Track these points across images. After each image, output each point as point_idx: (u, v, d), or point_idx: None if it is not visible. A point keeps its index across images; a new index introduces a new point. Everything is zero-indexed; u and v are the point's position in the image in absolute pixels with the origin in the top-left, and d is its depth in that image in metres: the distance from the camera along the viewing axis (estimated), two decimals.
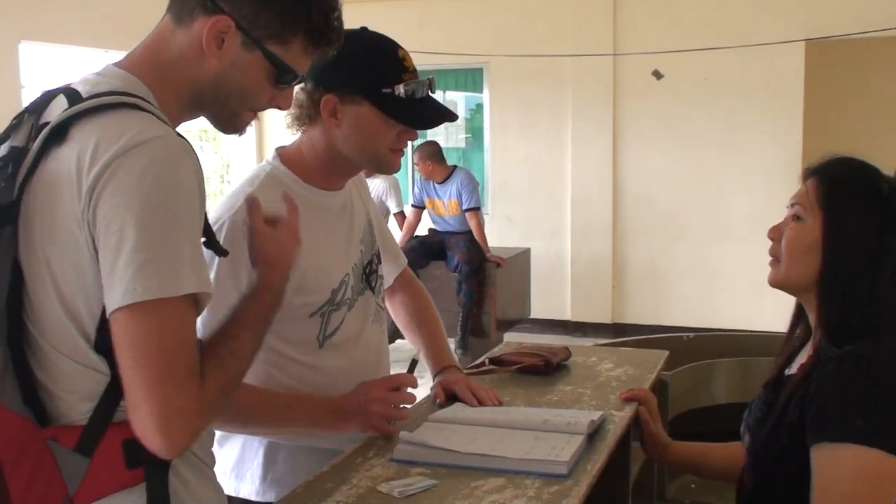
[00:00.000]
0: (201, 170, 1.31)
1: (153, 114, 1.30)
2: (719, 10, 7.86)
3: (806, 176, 1.69)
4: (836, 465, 1.48)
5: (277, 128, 9.12)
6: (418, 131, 1.94)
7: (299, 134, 1.94)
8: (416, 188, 7.49)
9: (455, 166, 7.27)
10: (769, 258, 1.71)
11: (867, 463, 1.46)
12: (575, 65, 8.22)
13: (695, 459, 2.07)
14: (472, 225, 7.04)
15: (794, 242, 1.66)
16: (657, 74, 8.07)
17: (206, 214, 1.36)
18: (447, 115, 1.93)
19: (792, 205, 1.69)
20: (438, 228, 7.27)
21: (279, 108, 1.50)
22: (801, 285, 1.67)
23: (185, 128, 1.46)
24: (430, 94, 1.90)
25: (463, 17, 8.65)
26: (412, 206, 7.43)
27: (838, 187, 1.65)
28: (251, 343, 1.40)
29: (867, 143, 7.05)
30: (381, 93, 1.82)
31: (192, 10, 1.36)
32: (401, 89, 1.82)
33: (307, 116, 1.88)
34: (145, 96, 1.33)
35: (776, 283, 1.70)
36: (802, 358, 1.69)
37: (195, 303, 1.27)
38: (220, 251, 1.45)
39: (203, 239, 1.35)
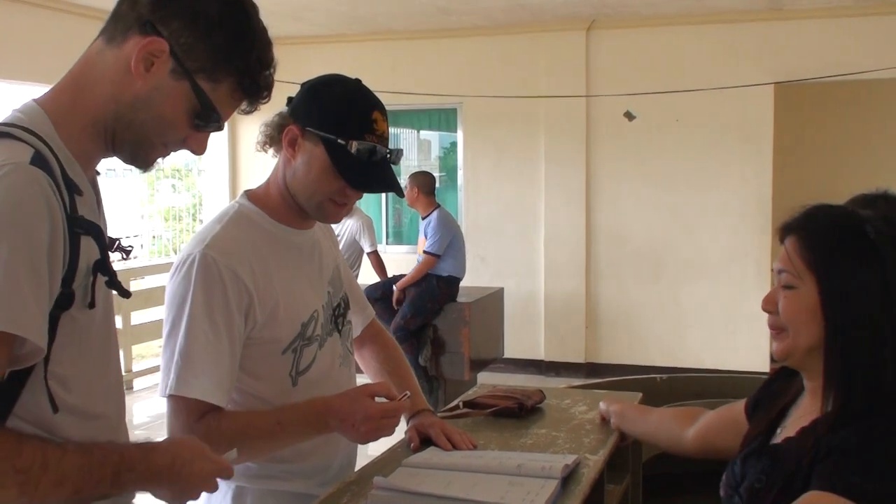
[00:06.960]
0: (55, 202, 1.25)
1: (28, 143, 1.26)
2: (690, 54, 7.98)
3: (782, 234, 1.56)
4: None
5: (250, 167, 9.13)
6: (362, 189, 1.91)
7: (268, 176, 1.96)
8: None
9: (438, 205, 7.00)
10: (770, 331, 1.58)
11: None
12: (548, 106, 8.30)
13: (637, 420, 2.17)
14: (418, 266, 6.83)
15: (795, 314, 1.53)
16: (629, 116, 8.15)
17: (104, 251, 1.33)
18: (392, 188, 1.92)
19: (779, 272, 1.55)
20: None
21: (192, 151, 1.45)
22: (807, 353, 1.53)
23: (157, 165, 1.44)
24: (391, 163, 1.90)
25: (437, 59, 8.71)
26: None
27: (823, 244, 1.51)
28: (80, 471, 1.26)
29: (834, 184, 7.12)
30: (336, 142, 1.83)
31: (127, 30, 1.34)
32: (354, 146, 1.82)
33: (271, 139, 1.91)
34: (38, 128, 1.30)
35: (785, 355, 1.56)
36: (801, 419, 1.57)
37: (9, 342, 1.20)
38: (123, 293, 1.40)
39: (105, 278, 1.33)
